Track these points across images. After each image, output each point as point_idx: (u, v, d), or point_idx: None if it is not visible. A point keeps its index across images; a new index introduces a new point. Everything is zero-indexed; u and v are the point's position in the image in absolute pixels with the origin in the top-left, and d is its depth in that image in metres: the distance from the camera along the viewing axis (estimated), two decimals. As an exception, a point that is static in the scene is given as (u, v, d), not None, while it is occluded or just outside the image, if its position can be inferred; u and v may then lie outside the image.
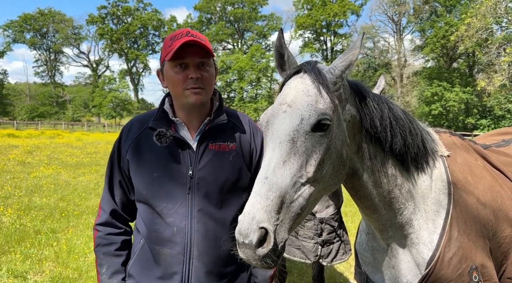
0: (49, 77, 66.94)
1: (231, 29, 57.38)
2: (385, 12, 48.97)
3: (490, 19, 24.13)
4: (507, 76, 22.95)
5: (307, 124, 1.35)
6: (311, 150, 1.36)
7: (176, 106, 1.73)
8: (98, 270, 1.73)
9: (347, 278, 5.01)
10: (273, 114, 1.44)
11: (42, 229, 6.41)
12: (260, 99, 51.30)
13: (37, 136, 26.36)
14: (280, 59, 1.61)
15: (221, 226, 1.64)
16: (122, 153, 1.72)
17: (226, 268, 1.66)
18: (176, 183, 1.62)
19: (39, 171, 12.22)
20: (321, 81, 1.43)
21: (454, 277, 1.68)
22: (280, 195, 1.25)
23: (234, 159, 1.72)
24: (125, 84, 62.55)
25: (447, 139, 2.01)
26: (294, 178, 1.30)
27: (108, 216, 1.75)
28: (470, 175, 1.90)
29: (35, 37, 63.75)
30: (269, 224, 1.20)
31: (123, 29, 61.29)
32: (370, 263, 2.01)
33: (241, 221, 1.23)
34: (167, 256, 1.59)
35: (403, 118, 1.72)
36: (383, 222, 1.78)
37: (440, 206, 1.78)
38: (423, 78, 41.32)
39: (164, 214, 1.60)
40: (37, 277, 4.64)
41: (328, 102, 1.42)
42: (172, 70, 1.62)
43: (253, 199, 1.25)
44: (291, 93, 1.45)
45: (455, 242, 1.71)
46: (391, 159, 1.69)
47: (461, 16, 31.77)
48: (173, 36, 1.64)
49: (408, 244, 1.78)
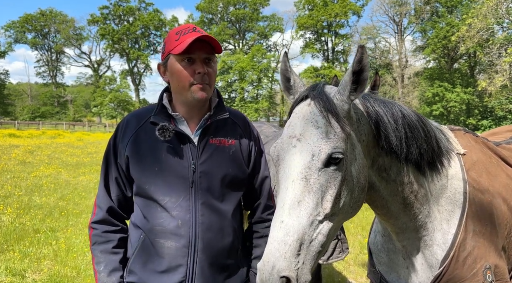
0: (51, 77, 67.02)
1: (232, 29, 57.40)
2: (386, 12, 48.97)
3: (491, 19, 24.10)
4: (508, 77, 22.91)
5: (318, 161, 1.30)
6: (326, 186, 1.31)
7: (177, 101, 1.73)
8: (96, 269, 1.71)
9: (345, 277, 5.00)
10: (283, 148, 1.39)
11: (41, 228, 6.42)
12: (261, 99, 51.30)
13: (38, 136, 26.42)
14: (286, 82, 1.59)
15: (224, 219, 1.66)
16: (119, 149, 1.71)
17: (228, 260, 1.69)
18: (179, 176, 1.63)
19: (39, 170, 12.25)
20: (330, 108, 1.37)
21: (469, 277, 1.67)
22: (298, 237, 1.22)
23: (234, 154, 1.73)
24: (126, 85, 62.62)
25: (462, 137, 1.98)
26: (311, 217, 1.26)
27: (105, 214, 1.73)
28: (485, 173, 1.88)
29: (36, 37, 63.83)
30: (290, 271, 1.18)
31: (124, 29, 61.32)
32: (385, 263, 2.00)
33: (261, 270, 1.21)
34: (172, 249, 1.59)
35: (417, 125, 1.65)
36: (399, 226, 1.77)
37: (455, 205, 1.76)
38: (424, 79, 41.31)
39: (168, 207, 1.61)
40: (35, 275, 4.65)
41: (340, 132, 1.36)
42: (179, 64, 1.62)
43: (271, 246, 1.21)
44: (299, 125, 1.39)
45: (470, 241, 1.70)
46: (406, 167, 1.65)
47: (462, 17, 31.72)
48: (179, 31, 1.65)
49: (422, 246, 1.77)
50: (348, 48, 51.72)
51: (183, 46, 1.56)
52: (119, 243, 1.74)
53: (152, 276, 1.62)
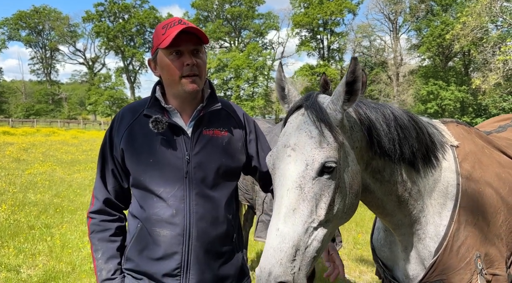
0: (45, 75, 66.55)
1: (228, 27, 57.24)
2: (381, 11, 49.04)
3: (485, 18, 24.22)
4: (501, 75, 23.05)
5: (312, 170, 1.34)
6: (320, 194, 1.34)
7: (169, 94, 1.76)
8: (94, 256, 1.77)
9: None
10: (278, 157, 1.43)
11: (36, 224, 6.42)
12: (257, 97, 51.28)
13: (33, 134, 26.27)
14: (281, 91, 1.63)
15: (217, 207, 1.71)
16: (115, 141, 1.75)
17: (223, 247, 1.73)
18: (173, 167, 1.67)
19: (34, 167, 12.20)
20: (323, 118, 1.40)
21: (463, 266, 1.71)
22: (294, 244, 1.25)
23: (227, 145, 1.77)
24: (121, 82, 62.33)
25: (455, 129, 2.02)
26: (305, 225, 1.30)
27: (102, 204, 1.78)
28: (477, 164, 1.92)
29: (30, 34, 63.31)
30: (286, 276, 1.22)
31: (119, 27, 60.98)
32: (388, 257, 2.05)
33: (258, 277, 1.25)
34: (167, 237, 1.63)
35: (409, 126, 1.68)
36: (395, 222, 1.82)
37: (447, 198, 1.80)
38: (419, 77, 41.46)
39: (163, 197, 1.65)
40: (30, 271, 4.66)
41: (332, 142, 1.39)
42: (167, 58, 1.65)
43: (267, 253, 1.25)
44: (293, 134, 1.43)
45: (463, 232, 1.74)
46: (399, 167, 1.69)
47: (456, 15, 31.84)
48: (165, 25, 1.67)
49: (415, 240, 1.83)
50: (343, 46, 51.78)
51: (169, 39, 1.59)
52: (116, 231, 1.79)
53: (148, 263, 1.66)
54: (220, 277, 1.72)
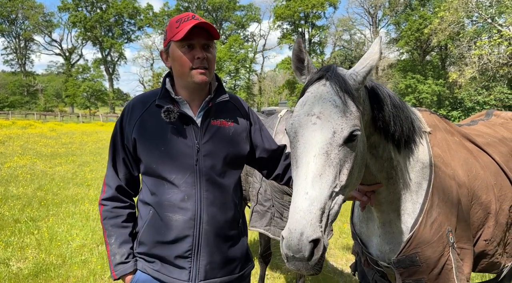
0: (19, 65, 64.40)
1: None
2: (361, 4, 49.62)
3: (462, 13, 24.84)
4: (477, 69, 23.76)
5: (340, 137, 1.41)
6: (344, 160, 1.43)
7: (179, 85, 1.84)
8: (107, 241, 1.84)
9: (326, 259, 5.22)
10: (301, 125, 1.47)
11: (21, 217, 6.33)
12: (239, 90, 51.21)
13: (8, 126, 25.50)
14: (298, 63, 1.68)
15: (225, 194, 1.81)
16: (126, 131, 1.81)
17: (231, 231, 1.84)
18: (184, 155, 1.75)
19: (13, 161, 11.91)
20: (346, 89, 1.48)
21: (435, 239, 1.87)
22: (321, 207, 1.32)
23: (233, 135, 1.87)
24: (99, 74, 61.03)
25: (428, 117, 2.20)
26: (330, 189, 1.37)
27: (114, 191, 1.85)
28: (447, 149, 2.10)
29: (3, 23, 61.03)
30: (317, 233, 1.29)
31: (97, 17, 59.52)
32: (365, 232, 2.19)
33: (287, 238, 1.30)
34: (179, 222, 1.72)
35: (401, 105, 1.82)
36: (380, 199, 1.95)
37: (423, 178, 1.96)
38: (398, 71, 42.19)
39: (176, 183, 1.73)
40: (20, 263, 4.62)
41: (355, 111, 1.47)
42: (180, 50, 1.72)
43: (297, 215, 1.30)
44: (317, 104, 1.48)
45: (436, 208, 1.91)
46: (388, 144, 1.81)
47: (434, 10, 32.47)
48: (179, 19, 1.75)
49: (394, 216, 1.96)
50: (324, 39, 52.16)
51: (183, 33, 1.67)
52: (128, 217, 1.87)
53: (161, 246, 1.75)
54: (228, 259, 1.83)
